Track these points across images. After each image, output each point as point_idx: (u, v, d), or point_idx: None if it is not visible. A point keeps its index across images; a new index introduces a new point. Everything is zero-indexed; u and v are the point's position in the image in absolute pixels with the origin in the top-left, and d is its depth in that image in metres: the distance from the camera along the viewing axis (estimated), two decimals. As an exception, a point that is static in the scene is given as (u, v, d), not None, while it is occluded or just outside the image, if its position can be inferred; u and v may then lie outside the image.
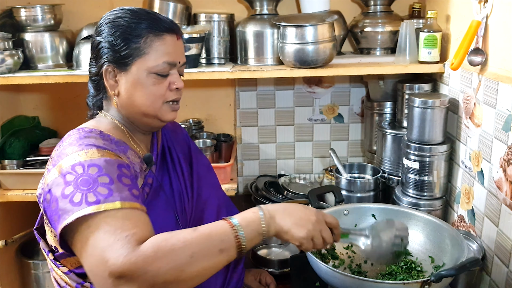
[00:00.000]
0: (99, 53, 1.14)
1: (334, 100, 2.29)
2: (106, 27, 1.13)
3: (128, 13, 1.13)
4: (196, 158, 1.38)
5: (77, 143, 1.04)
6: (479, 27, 1.46)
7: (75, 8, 2.12)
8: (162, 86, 1.15)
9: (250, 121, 2.31)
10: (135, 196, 0.99)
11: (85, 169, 0.98)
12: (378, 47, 2.04)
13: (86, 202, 0.93)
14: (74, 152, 1.01)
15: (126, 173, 1.02)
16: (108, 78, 1.15)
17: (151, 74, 1.13)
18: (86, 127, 1.14)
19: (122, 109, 1.18)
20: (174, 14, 1.94)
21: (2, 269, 2.09)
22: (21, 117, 2.21)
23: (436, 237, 1.37)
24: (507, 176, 1.32)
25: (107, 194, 0.94)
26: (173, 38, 1.15)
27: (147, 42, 1.12)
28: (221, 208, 1.37)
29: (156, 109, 1.16)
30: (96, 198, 0.93)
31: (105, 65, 1.13)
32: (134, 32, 1.11)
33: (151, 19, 1.13)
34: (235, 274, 1.34)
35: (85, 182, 0.96)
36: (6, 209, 2.07)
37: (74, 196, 0.94)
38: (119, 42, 1.11)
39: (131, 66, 1.12)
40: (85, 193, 0.94)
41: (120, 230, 0.91)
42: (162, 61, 1.13)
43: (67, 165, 0.99)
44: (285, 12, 2.11)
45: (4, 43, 1.84)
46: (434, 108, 1.64)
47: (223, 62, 2.00)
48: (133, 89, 1.14)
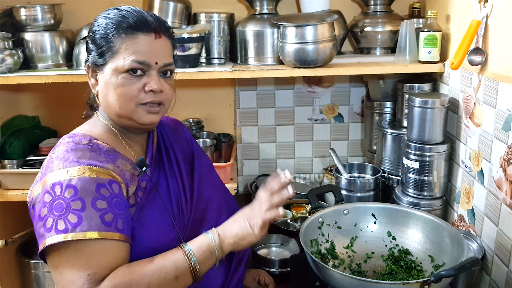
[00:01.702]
0: (87, 50, 1.16)
1: (334, 99, 2.29)
2: (93, 25, 1.14)
3: (113, 12, 1.12)
4: (198, 158, 1.36)
5: (64, 157, 1.06)
6: (479, 26, 1.46)
7: (75, 8, 2.12)
8: (133, 87, 1.10)
9: (250, 121, 2.31)
10: (107, 223, 1.01)
11: (62, 191, 1.01)
12: (378, 47, 2.04)
13: (56, 230, 0.97)
14: (58, 168, 1.04)
15: (105, 193, 1.03)
16: (90, 77, 1.16)
17: (122, 73, 1.10)
18: (79, 133, 1.15)
19: (103, 109, 1.18)
20: (174, 13, 1.94)
21: (2, 269, 2.09)
22: (21, 117, 2.21)
23: (436, 236, 1.37)
24: (507, 176, 1.32)
25: (76, 223, 0.98)
26: (149, 37, 1.10)
27: (119, 41, 1.09)
28: (222, 209, 1.36)
29: (128, 111, 1.12)
30: (65, 226, 0.97)
31: (87, 63, 1.15)
32: (109, 31, 1.10)
33: (131, 17, 1.10)
34: (235, 275, 1.33)
35: (58, 207, 0.99)
36: (6, 209, 2.07)
37: (47, 221, 0.99)
38: (98, 41, 1.11)
39: (105, 66, 1.11)
40: (56, 219, 0.98)
41: (84, 268, 0.97)
42: (130, 60, 1.08)
43: (49, 182, 1.03)
44: (285, 12, 2.11)
45: (4, 42, 1.84)
46: (434, 107, 1.64)
47: (223, 62, 2.00)
48: (106, 89, 1.13)
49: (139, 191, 1.14)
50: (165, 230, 1.15)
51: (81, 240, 0.98)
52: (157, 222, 1.14)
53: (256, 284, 1.47)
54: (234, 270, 1.34)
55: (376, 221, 1.48)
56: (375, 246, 1.46)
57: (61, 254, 0.98)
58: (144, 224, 1.11)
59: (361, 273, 1.37)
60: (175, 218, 1.18)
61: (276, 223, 1.85)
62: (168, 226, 1.16)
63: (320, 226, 1.44)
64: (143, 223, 1.11)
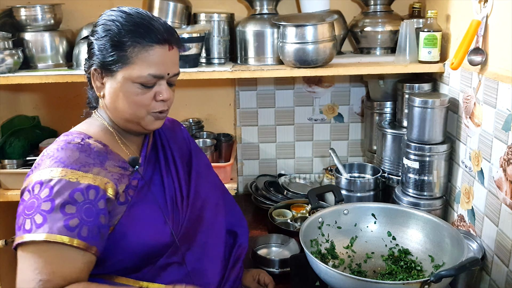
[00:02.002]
0: (91, 53, 1.15)
1: (334, 99, 2.29)
2: (99, 29, 1.13)
3: (122, 17, 1.11)
4: (196, 157, 1.38)
5: (53, 156, 1.08)
6: (479, 26, 1.46)
7: (75, 8, 2.12)
8: (146, 96, 1.13)
9: (250, 121, 2.31)
10: (70, 228, 1.01)
11: (40, 190, 1.03)
12: (378, 47, 2.04)
13: (23, 230, 1.01)
14: (44, 167, 1.07)
15: (78, 198, 1.03)
16: (95, 79, 1.15)
17: (135, 83, 1.11)
18: (74, 131, 1.17)
19: (108, 111, 1.18)
20: (174, 13, 1.94)
21: (2, 269, 2.09)
22: (21, 117, 2.21)
23: (436, 236, 1.37)
24: (507, 176, 1.32)
25: (40, 224, 1.00)
26: (163, 49, 1.12)
27: (134, 52, 1.09)
28: (219, 207, 1.37)
29: (139, 118, 1.15)
30: (30, 226, 1.00)
31: (93, 67, 1.14)
32: (122, 39, 1.09)
33: (144, 27, 1.09)
34: (233, 273, 1.34)
35: (30, 206, 1.02)
36: (6, 209, 2.07)
37: (19, 219, 1.03)
38: (108, 47, 1.10)
39: (116, 73, 1.11)
40: (26, 218, 1.02)
41: (38, 272, 0.99)
42: (147, 73, 1.10)
43: (33, 180, 1.05)
44: (285, 12, 2.11)
45: (4, 42, 1.84)
46: (434, 107, 1.64)
47: (223, 62, 2.00)
48: (116, 96, 1.13)
49: (130, 189, 1.15)
50: (158, 227, 1.16)
51: (41, 242, 0.99)
52: (148, 218, 1.15)
53: (256, 284, 1.47)
54: (232, 268, 1.35)
55: (376, 221, 1.48)
56: (375, 246, 1.46)
57: (24, 252, 1.01)
58: (135, 221, 1.13)
59: (361, 273, 1.37)
60: (168, 215, 1.19)
61: (276, 223, 1.85)
62: (160, 223, 1.17)
63: (320, 226, 1.44)
64: (134, 220, 1.12)
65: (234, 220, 1.46)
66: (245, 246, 1.43)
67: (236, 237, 1.44)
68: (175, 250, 1.20)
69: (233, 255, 1.37)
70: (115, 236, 1.10)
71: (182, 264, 1.21)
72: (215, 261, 1.29)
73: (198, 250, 1.26)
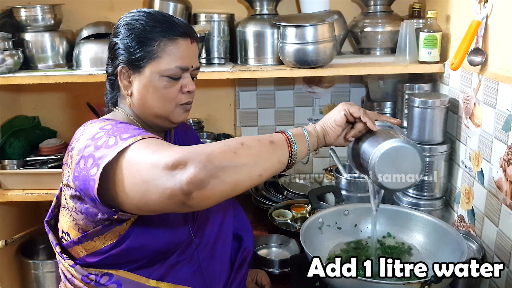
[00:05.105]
0: (115, 54, 1.17)
1: (334, 100, 2.29)
2: (122, 29, 1.16)
3: (144, 15, 1.15)
4: None
5: (96, 121, 1.11)
6: (479, 27, 1.46)
7: (75, 8, 2.12)
8: (173, 89, 1.17)
9: (250, 121, 2.31)
10: None
11: (113, 125, 1.05)
12: (378, 47, 2.04)
13: (122, 139, 0.98)
14: (95, 125, 1.08)
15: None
16: (122, 78, 1.18)
17: (163, 77, 1.15)
18: (102, 119, 1.19)
19: (135, 109, 1.20)
20: (174, 14, 1.94)
21: (2, 269, 2.09)
22: (21, 117, 2.21)
23: (436, 237, 1.37)
24: (507, 176, 1.32)
25: (139, 132, 1.01)
26: (187, 42, 1.16)
27: (161, 46, 1.14)
28: (227, 208, 1.38)
29: (167, 111, 1.18)
30: (130, 134, 0.99)
31: (120, 66, 1.16)
32: (148, 35, 1.13)
33: (166, 22, 1.15)
34: (238, 275, 1.35)
35: (115, 130, 1.02)
36: (6, 209, 2.07)
37: (109, 141, 0.99)
38: (134, 44, 1.14)
39: (144, 69, 1.15)
40: (118, 135, 1.00)
41: (161, 145, 0.97)
42: (174, 65, 1.15)
43: (93, 132, 1.05)
44: (285, 12, 2.11)
45: (4, 43, 1.84)
46: (434, 108, 1.64)
47: (223, 62, 2.00)
48: (145, 91, 1.16)
49: None
50: (178, 222, 1.19)
51: (148, 138, 0.99)
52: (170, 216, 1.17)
53: (253, 284, 1.48)
54: (238, 269, 1.36)
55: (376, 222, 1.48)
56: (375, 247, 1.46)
57: (131, 154, 0.96)
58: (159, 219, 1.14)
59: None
60: (187, 213, 1.22)
61: (276, 224, 1.85)
62: (180, 217, 1.20)
63: (320, 226, 1.44)
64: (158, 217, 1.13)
65: (240, 225, 1.47)
66: (250, 249, 1.45)
67: (241, 241, 1.45)
68: (186, 247, 1.22)
69: (239, 257, 1.39)
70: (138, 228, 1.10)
71: (191, 262, 1.23)
72: (222, 261, 1.31)
73: (206, 249, 1.27)
